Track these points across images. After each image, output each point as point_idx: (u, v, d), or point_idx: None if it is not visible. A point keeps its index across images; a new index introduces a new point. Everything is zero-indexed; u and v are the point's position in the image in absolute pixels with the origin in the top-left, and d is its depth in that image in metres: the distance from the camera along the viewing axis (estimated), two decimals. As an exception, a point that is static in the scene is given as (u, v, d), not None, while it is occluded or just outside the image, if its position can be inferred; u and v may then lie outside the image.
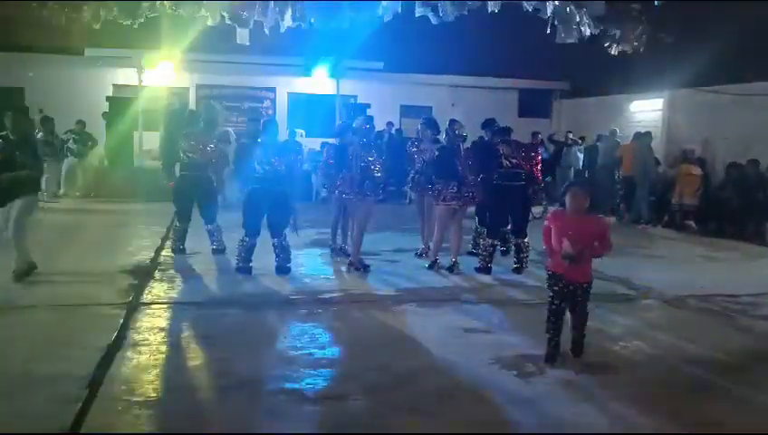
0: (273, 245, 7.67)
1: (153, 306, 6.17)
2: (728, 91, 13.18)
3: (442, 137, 8.25)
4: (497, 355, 5.10)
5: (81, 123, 14.54)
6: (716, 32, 12.71)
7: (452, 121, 8.29)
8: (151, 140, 16.01)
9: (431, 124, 8.67)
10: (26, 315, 5.79)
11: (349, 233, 8.44)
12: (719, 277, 8.40)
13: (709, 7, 13.06)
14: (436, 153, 8.10)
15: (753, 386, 4.75)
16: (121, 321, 5.55)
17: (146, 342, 5.13)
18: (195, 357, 4.90)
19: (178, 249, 8.48)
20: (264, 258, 7.70)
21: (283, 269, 7.65)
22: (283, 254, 7.69)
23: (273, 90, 18.59)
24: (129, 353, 4.84)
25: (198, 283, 7.23)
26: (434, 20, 9.16)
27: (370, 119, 8.32)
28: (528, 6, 9.08)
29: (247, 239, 7.59)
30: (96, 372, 4.41)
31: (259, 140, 7.81)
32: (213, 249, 8.54)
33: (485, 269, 8.06)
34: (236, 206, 8.11)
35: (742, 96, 12.88)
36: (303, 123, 17.70)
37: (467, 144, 8.50)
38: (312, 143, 15.09)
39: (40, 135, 13.45)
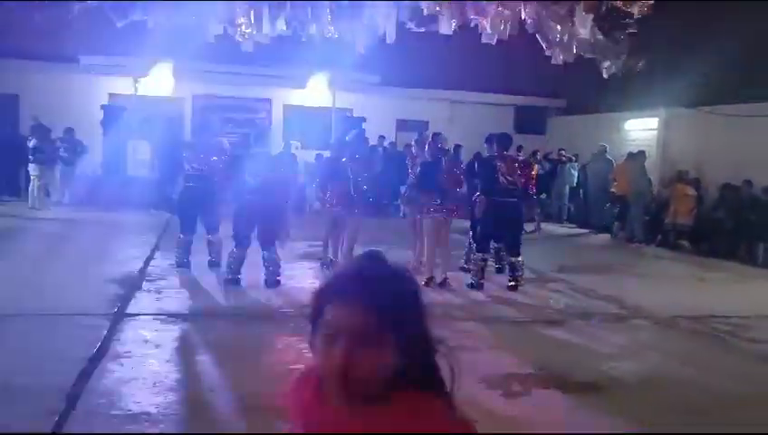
0: (263, 257, 7.62)
1: (138, 317, 6.10)
2: (723, 111, 13.19)
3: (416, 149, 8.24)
4: (485, 374, 5.03)
5: (69, 131, 14.46)
6: (712, 51, 12.76)
7: (435, 135, 8.29)
8: (146, 150, 16.00)
9: (425, 139, 8.65)
10: (8, 325, 5.70)
11: (339, 247, 8.38)
12: (711, 298, 8.37)
13: (705, 26, 13.14)
14: (419, 167, 8.10)
15: (741, 409, 4.69)
16: (105, 332, 5.47)
17: (129, 354, 5.05)
18: (178, 370, 4.83)
19: (183, 263, 8.30)
20: (253, 271, 7.63)
21: (271, 282, 7.59)
22: (272, 267, 7.63)
23: (268, 101, 18.56)
24: (110, 365, 4.77)
25: (186, 294, 7.16)
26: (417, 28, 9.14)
27: (361, 132, 8.28)
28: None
29: (237, 251, 7.54)
30: (76, 385, 4.34)
31: (255, 153, 7.74)
32: (209, 261, 8.44)
33: (477, 285, 8.01)
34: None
35: (737, 117, 12.88)
36: (299, 135, 17.69)
37: (463, 157, 8.48)
38: (307, 155, 15.09)
39: (32, 142, 13.42)
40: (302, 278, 8.15)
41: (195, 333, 5.76)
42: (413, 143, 8.86)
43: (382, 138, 16.36)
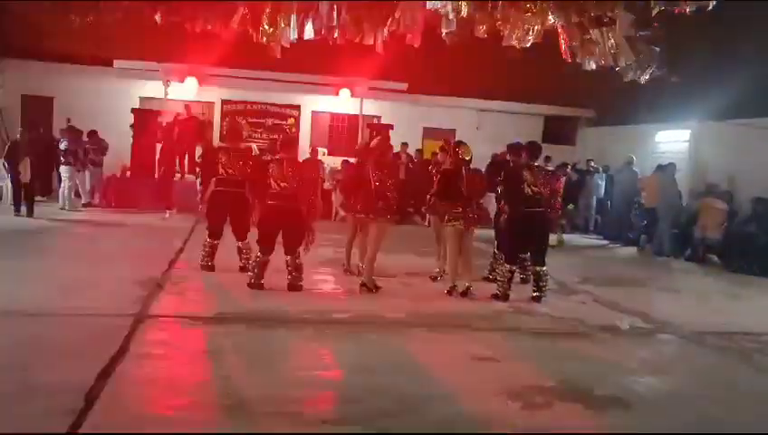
0: (287, 262, 7.62)
1: (160, 319, 6.12)
2: (756, 124, 12.94)
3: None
4: (505, 385, 4.96)
5: (93, 133, 14.65)
6: (744, 64, 12.54)
7: (457, 143, 8.24)
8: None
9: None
10: (30, 323, 5.75)
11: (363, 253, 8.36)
12: (740, 315, 8.18)
13: (738, 39, 12.93)
14: (439, 176, 8.06)
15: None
16: (126, 332, 5.49)
17: (148, 355, 5.07)
18: (196, 373, 4.83)
19: (207, 266, 8.37)
20: (277, 276, 7.64)
21: (294, 287, 7.59)
22: (295, 272, 7.63)
23: (297, 108, 18.66)
24: (129, 366, 4.77)
25: (208, 297, 7.19)
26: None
27: (386, 139, 8.24)
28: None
29: (261, 256, 7.56)
30: (95, 384, 4.35)
31: (277, 157, 7.76)
32: (240, 266, 8.44)
33: (503, 296, 7.93)
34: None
35: (769, 130, 12.65)
36: (326, 142, 17.73)
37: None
38: (333, 162, 15.11)
39: (64, 144, 13.62)
40: (325, 284, 8.14)
41: (215, 336, 5.76)
42: (438, 151, 8.80)
43: (405, 144, 16.34)
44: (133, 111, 15.77)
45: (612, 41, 8.81)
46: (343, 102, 18.11)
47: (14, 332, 5.48)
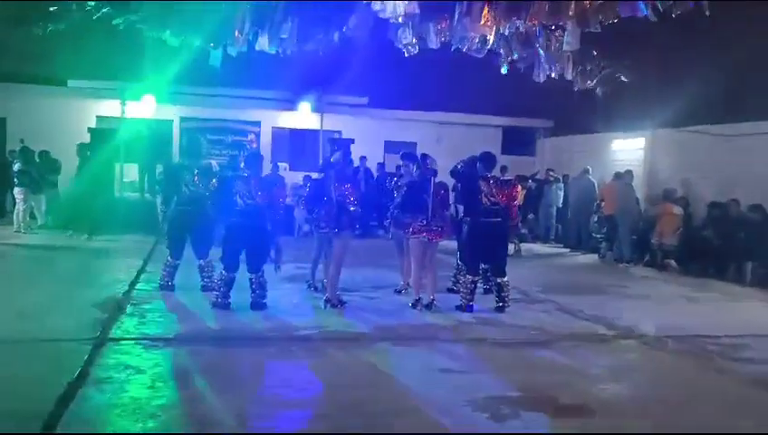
0: (250, 280, 7.55)
1: (121, 342, 6.00)
2: (710, 131, 13.28)
3: (414, 171, 8.22)
4: (471, 396, 4.98)
5: (44, 153, 14.32)
6: (698, 72, 12.87)
7: (423, 156, 8.29)
8: (132, 172, 15.95)
9: (410, 158, 8.66)
10: (-13, 351, 5.59)
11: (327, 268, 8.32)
12: (700, 318, 8.35)
13: (691, 48, 13.26)
14: (405, 188, 8.09)
15: (731, 430, 4.65)
16: (86, 357, 5.37)
17: (110, 379, 4.96)
18: (160, 396, 4.74)
19: (167, 285, 8.25)
20: (242, 294, 7.55)
21: (258, 305, 7.52)
22: (259, 290, 7.56)
23: (257, 123, 18.57)
24: (90, 391, 4.67)
25: (171, 318, 7.06)
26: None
27: (347, 153, 8.20)
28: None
29: (225, 274, 7.47)
30: (53, 411, 4.24)
31: (244, 174, 7.69)
32: (203, 286, 8.34)
33: (467, 307, 7.96)
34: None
35: (722, 136, 12.98)
36: (287, 157, 17.67)
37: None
38: (295, 177, 15.07)
39: (17, 166, 13.34)
40: (289, 301, 8.07)
41: (178, 357, 5.67)
42: (401, 163, 8.82)
43: (363, 158, 16.39)
44: (90, 130, 15.51)
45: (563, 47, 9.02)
46: (303, 117, 18.08)
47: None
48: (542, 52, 9.40)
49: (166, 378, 5.13)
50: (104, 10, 8.31)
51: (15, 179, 13.31)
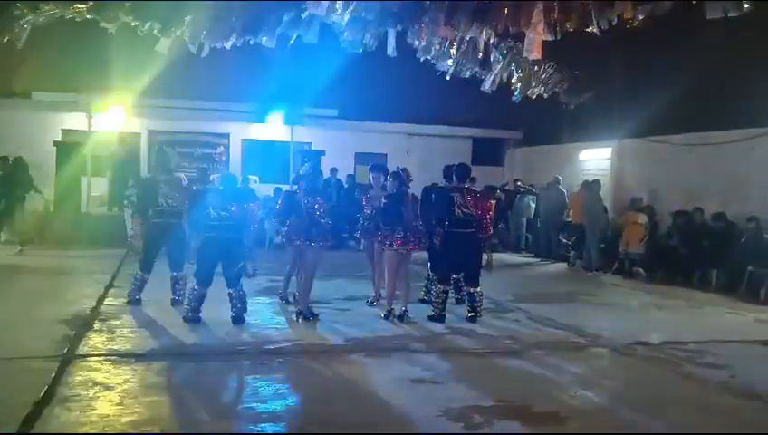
0: (230, 295, 7.47)
1: (89, 359, 5.89)
2: (674, 141, 13.54)
3: (389, 183, 8.23)
4: (445, 407, 4.98)
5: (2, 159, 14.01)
6: (662, 83, 13.12)
7: (401, 169, 8.31)
8: (100, 186, 15.73)
9: (380, 170, 8.68)
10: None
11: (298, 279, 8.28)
12: (667, 325, 8.46)
13: (655, 60, 13.53)
14: (384, 200, 8.10)
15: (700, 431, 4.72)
16: (53, 375, 5.26)
17: (77, 397, 4.86)
18: (129, 413, 4.65)
19: (135, 300, 8.16)
20: (211, 308, 7.48)
21: (239, 319, 7.44)
22: (240, 304, 7.49)
23: (227, 136, 18.45)
24: (57, 410, 4.57)
25: (140, 334, 6.96)
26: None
27: (316, 165, 8.21)
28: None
29: (197, 288, 7.38)
30: (19, 432, 4.15)
31: (218, 187, 7.62)
32: (173, 299, 8.25)
33: (439, 317, 7.98)
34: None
35: (686, 145, 13.24)
36: (257, 169, 17.58)
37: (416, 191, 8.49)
38: (265, 189, 14.97)
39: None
40: (261, 314, 8.01)
41: (148, 373, 5.58)
42: (371, 176, 8.83)
43: (335, 170, 16.38)
44: (55, 144, 15.29)
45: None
46: (274, 129, 18.02)
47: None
48: (499, 60, 9.53)
49: (135, 394, 5.05)
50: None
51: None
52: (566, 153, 17.24)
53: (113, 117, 16.30)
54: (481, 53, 9.94)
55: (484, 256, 8.37)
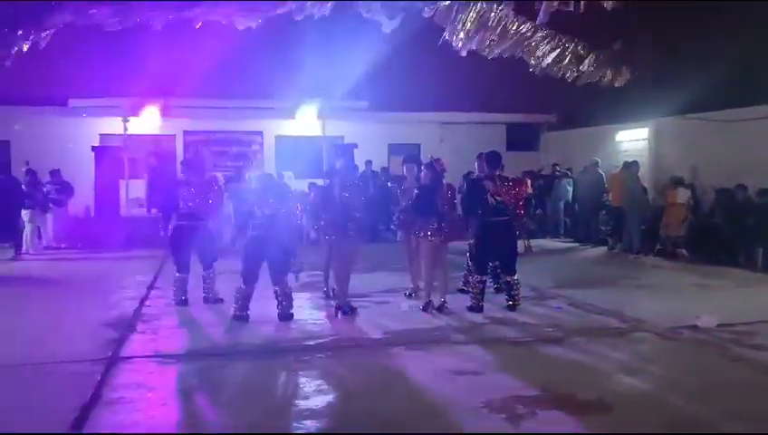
0: (276, 292, 7.50)
1: (133, 360, 5.98)
2: (714, 117, 13.20)
3: (422, 174, 8.19)
4: (487, 398, 4.94)
5: (55, 172, 14.36)
6: (698, 59, 12.81)
7: (434, 159, 8.24)
8: (137, 189, 15.98)
9: (413, 161, 8.64)
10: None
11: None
12: (712, 306, 8.25)
13: (691, 36, 13.22)
14: (416, 191, 8.06)
15: (750, 421, 4.59)
16: (98, 378, 5.35)
17: (123, 399, 4.94)
18: (174, 414, 4.72)
19: (180, 301, 8.27)
20: (256, 305, 7.53)
21: (285, 316, 7.48)
22: (285, 301, 7.51)
23: (260, 133, 18.60)
24: (103, 413, 4.65)
25: (182, 334, 7.05)
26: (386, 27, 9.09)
27: (351, 159, 8.18)
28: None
29: (244, 287, 7.44)
30: (69, 433, 4.23)
31: (256, 186, 7.66)
32: (204, 297, 8.36)
33: (477, 308, 7.92)
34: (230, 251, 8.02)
35: (726, 122, 12.90)
36: (291, 165, 17.67)
37: (451, 180, 8.43)
38: (300, 185, 15.03)
39: (26, 189, 13.38)
40: (301, 310, 8.02)
41: (192, 373, 5.65)
42: (404, 167, 8.80)
43: (369, 162, 16.35)
44: (93, 148, 15.58)
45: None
46: (306, 125, 18.07)
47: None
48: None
49: (179, 395, 5.12)
50: None
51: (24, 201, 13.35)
52: (602, 135, 16.96)
53: (148, 120, 16.55)
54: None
55: (521, 243, 8.28)
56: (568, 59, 10.54)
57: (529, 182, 14.30)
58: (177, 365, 5.88)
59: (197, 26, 8.90)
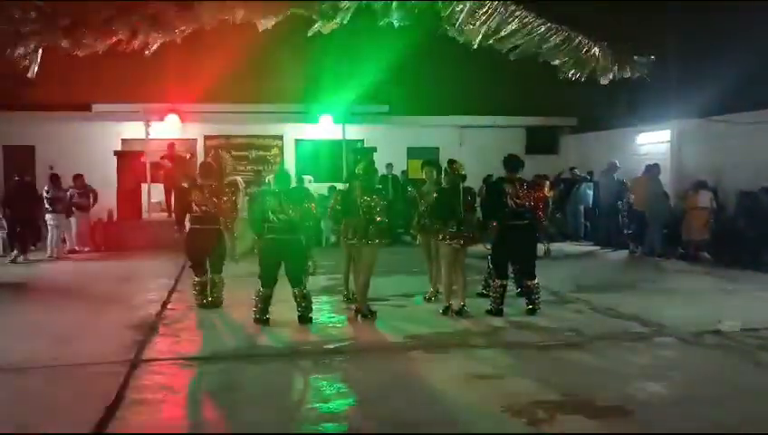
0: (294, 295, 7.55)
1: (156, 362, 6.05)
2: (737, 119, 13.06)
3: (441, 177, 8.20)
4: (507, 402, 4.93)
5: (78, 177, 14.54)
6: (720, 62, 12.69)
7: (451, 161, 8.24)
8: (159, 193, 16.13)
9: (432, 164, 8.64)
10: (22, 378, 5.65)
11: (356, 278, 8.31)
12: (736, 311, 8.16)
13: (713, 37, 13.09)
14: (435, 194, 8.07)
15: (775, 427, 4.55)
16: (121, 380, 5.42)
17: (146, 401, 5.00)
18: (196, 416, 4.78)
19: (202, 304, 8.36)
20: (275, 309, 7.58)
21: (305, 319, 7.52)
22: (305, 303, 7.56)
23: (280, 137, 18.70)
24: (126, 414, 4.71)
25: (204, 336, 7.11)
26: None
27: (371, 163, 8.20)
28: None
29: (263, 290, 7.49)
30: (94, 433, 4.29)
31: (275, 190, 7.71)
32: (210, 300, 8.43)
33: (497, 311, 7.91)
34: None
35: (751, 124, 12.76)
36: (311, 169, 17.77)
37: (471, 183, 8.41)
38: (320, 188, 15.12)
39: (51, 193, 13.57)
40: (320, 313, 8.05)
41: (213, 375, 5.70)
42: (424, 171, 8.81)
43: (390, 165, 16.36)
44: (116, 153, 15.75)
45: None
46: (325, 129, 18.15)
47: (6, 386, 5.42)
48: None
49: (201, 397, 5.16)
50: None
51: (48, 206, 13.53)
52: (623, 138, 16.85)
53: (170, 124, 16.72)
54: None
55: (541, 247, 8.25)
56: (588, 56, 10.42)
57: (548, 184, 14.23)
58: (199, 368, 5.93)
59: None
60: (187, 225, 8.46)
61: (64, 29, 8.01)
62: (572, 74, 10.28)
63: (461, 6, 8.78)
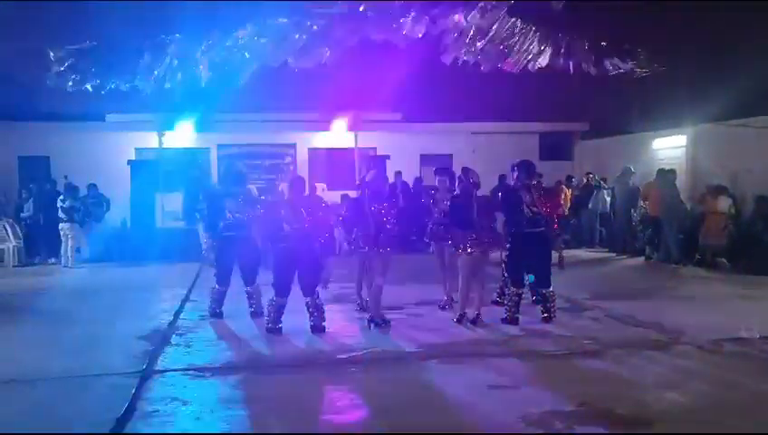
0: (307, 304, 7.51)
1: (167, 374, 6.01)
2: (755, 123, 12.89)
3: (456, 184, 8.13)
4: (523, 412, 4.85)
5: (92, 186, 14.61)
6: (736, 66, 12.55)
7: (465, 169, 8.17)
8: (173, 201, 16.15)
9: (445, 172, 8.58)
10: (33, 389, 5.64)
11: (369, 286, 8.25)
12: (754, 317, 8.02)
13: (729, 42, 12.96)
14: (447, 203, 8.00)
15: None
16: (133, 391, 5.39)
17: (157, 413, 4.96)
18: (208, 427, 4.72)
19: (215, 313, 8.32)
20: (288, 318, 7.53)
21: (318, 328, 7.47)
22: (317, 312, 7.51)
23: (293, 145, 18.72)
24: (138, 425, 4.68)
25: (217, 347, 7.07)
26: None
27: (382, 171, 8.16)
28: None
29: (277, 299, 7.45)
30: (104, 447, 4.26)
31: (288, 199, 7.68)
32: (251, 311, 8.38)
33: (512, 320, 7.82)
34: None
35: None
36: (324, 177, 17.74)
37: (485, 191, 8.35)
38: (333, 197, 15.07)
39: (67, 203, 13.63)
40: (334, 323, 7.99)
41: (225, 386, 5.65)
42: (437, 179, 8.76)
43: (399, 174, 16.30)
44: (129, 162, 15.82)
45: None
46: (338, 137, 18.14)
47: (17, 398, 5.40)
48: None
49: (213, 408, 5.11)
50: None
51: (64, 216, 13.59)
52: (638, 143, 16.71)
53: (183, 133, 16.78)
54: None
55: (555, 254, 8.16)
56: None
57: (566, 191, 14.14)
58: (211, 378, 5.89)
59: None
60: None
61: None
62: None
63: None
